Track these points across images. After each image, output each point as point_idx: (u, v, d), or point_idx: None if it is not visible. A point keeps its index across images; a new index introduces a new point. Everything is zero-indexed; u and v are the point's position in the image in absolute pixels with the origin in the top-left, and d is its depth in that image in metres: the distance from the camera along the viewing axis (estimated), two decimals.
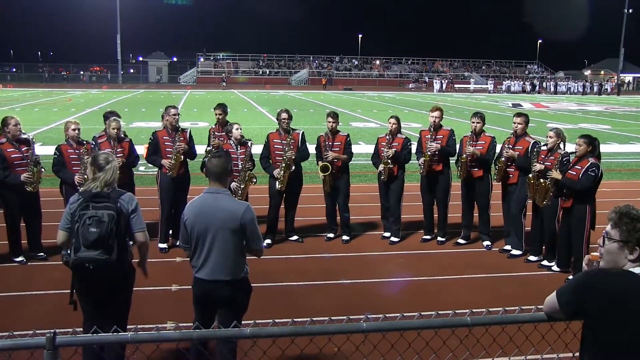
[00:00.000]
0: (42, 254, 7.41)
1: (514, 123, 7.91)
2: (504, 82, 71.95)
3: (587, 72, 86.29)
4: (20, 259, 7.29)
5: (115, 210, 4.19)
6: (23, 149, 7.21)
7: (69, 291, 4.40)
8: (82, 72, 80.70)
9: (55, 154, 7.39)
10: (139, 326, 4.86)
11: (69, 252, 4.20)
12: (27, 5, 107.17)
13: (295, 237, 8.46)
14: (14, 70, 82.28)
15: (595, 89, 66.38)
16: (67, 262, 4.22)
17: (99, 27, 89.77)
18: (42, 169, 7.38)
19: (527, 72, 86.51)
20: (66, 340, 2.61)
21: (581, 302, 2.59)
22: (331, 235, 8.59)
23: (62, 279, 4.36)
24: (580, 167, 6.79)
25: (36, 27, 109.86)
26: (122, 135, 7.87)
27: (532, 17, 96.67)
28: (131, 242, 4.50)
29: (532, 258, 7.72)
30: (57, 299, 5.83)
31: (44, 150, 12.05)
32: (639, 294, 2.50)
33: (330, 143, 8.26)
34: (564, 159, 7.11)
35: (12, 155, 7.09)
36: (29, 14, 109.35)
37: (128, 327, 4.47)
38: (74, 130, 7.40)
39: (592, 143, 6.87)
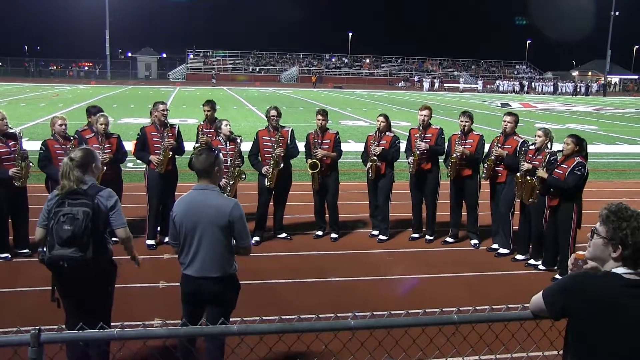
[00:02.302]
0: (27, 250, 7.35)
1: (504, 122, 7.96)
2: (496, 82, 72.15)
3: (575, 73, 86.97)
4: (4, 255, 7.22)
5: (91, 207, 4.11)
6: (10, 144, 7.14)
7: (51, 287, 4.36)
8: (70, 67, 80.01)
9: (41, 149, 7.33)
10: (125, 323, 4.83)
11: (44, 250, 4.15)
12: None
13: (283, 235, 8.45)
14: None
15: (583, 89, 66.80)
16: (43, 260, 4.16)
17: (87, 22, 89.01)
18: (30, 164, 7.31)
19: (516, 72, 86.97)
20: (51, 337, 2.58)
21: (566, 304, 2.61)
22: (320, 233, 8.59)
23: (46, 276, 4.32)
24: (566, 166, 6.84)
25: (22, 20, 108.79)
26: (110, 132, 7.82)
27: (521, 18, 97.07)
28: (115, 239, 4.44)
29: (519, 257, 7.76)
30: (41, 295, 5.76)
31: (31, 146, 11.94)
32: (624, 298, 2.52)
33: (319, 141, 8.26)
34: (551, 158, 7.16)
35: (0, 150, 7.03)
36: (14, 6, 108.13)
37: (114, 323, 4.44)
38: (60, 125, 7.36)
39: (579, 143, 6.93)
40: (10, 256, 7.23)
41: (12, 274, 6.84)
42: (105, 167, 7.48)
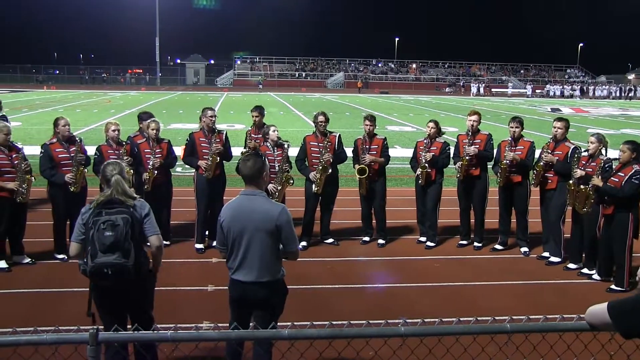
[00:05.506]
0: None
1: (554, 128, 7.77)
2: (546, 87, 70.58)
3: (631, 76, 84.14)
4: (62, 256, 7.46)
5: (129, 214, 4.15)
6: (71, 150, 7.39)
7: (87, 301, 4.39)
8: (121, 74, 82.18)
9: (95, 154, 7.56)
10: (177, 325, 4.91)
11: (85, 261, 4.14)
12: (70, 10, 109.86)
13: (330, 240, 8.46)
14: (57, 72, 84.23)
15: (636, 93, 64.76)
16: (85, 271, 4.16)
17: (138, 30, 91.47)
18: (86, 170, 7.56)
19: (567, 77, 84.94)
20: (108, 336, 2.66)
21: None
22: (367, 238, 8.56)
23: None
24: (623, 174, 6.61)
25: (78, 30, 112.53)
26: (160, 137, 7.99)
27: (572, 20, 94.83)
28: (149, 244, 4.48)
29: (571, 266, 7.56)
30: None
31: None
32: None
33: (367, 146, 8.24)
34: (606, 165, 6.94)
35: (60, 155, 7.30)
36: (72, 17, 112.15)
37: (167, 325, 4.51)
38: (113, 131, 7.58)
39: (636, 149, 6.67)
40: (67, 257, 7.46)
41: (69, 275, 7.04)
42: (156, 172, 7.67)
